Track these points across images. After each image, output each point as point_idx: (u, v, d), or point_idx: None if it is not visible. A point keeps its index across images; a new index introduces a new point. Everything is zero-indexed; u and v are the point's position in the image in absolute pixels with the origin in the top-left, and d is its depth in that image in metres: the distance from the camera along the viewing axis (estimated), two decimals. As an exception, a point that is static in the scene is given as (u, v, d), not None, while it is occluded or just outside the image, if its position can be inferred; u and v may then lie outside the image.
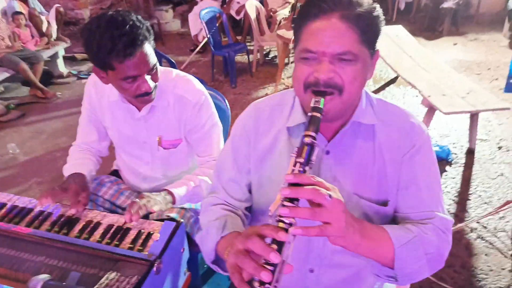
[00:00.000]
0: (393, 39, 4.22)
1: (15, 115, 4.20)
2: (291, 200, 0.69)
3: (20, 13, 4.59)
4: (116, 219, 1.15)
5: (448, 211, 2.66)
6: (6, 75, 4.31)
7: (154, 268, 0.97)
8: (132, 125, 1.41)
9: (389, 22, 6.52)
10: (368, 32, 0.81)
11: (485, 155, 3.26)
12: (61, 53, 5.08)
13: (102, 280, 0.91)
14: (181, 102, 1.37)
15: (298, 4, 5.51)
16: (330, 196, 0.70)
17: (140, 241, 1.06)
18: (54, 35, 5.05)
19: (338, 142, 0.94)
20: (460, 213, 2.66)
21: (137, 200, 1.19)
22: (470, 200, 2.78)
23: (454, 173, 3.06)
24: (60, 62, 5.09)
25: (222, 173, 1.07)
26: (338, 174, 0.94)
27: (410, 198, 0.95)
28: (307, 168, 0.73)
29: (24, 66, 4.31)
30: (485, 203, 2.74)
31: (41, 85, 4.52)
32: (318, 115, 0.78)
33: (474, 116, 3.17)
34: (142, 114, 1.37)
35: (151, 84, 1.21)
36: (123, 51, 1.10)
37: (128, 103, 1.35)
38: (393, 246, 0.83)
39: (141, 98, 1.25)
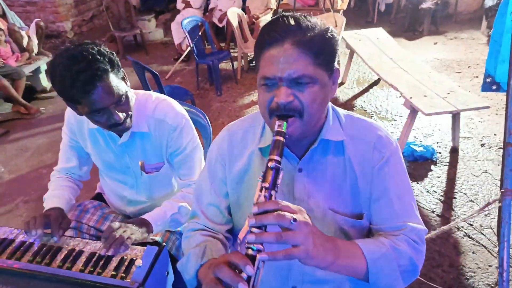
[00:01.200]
0: (374, 41, 4.28)
1: (-1, 132, 4.13)
2: (260, 226, 0.72)
3: (0, 29, 4.53)
4: (98, 246, 1.15)
5: (434, 211, 2.70)
6: (-13, 92, 4.24)
7: (137, 296, 0.97)
8: (114, 152, 1.41)
9: (370, 24, 6.61)
10: (321, 55, 0.84)
11: (469, 153, 3.32)
12: (43, 67, 5.01)
13: (86, 311, 0.91)
14: (161, 126, 1.37)
15: (280, 10, 5.55)
16: (294, 219, 0.71)
17: (123, 268, 1.06)
18: (36, 50, 4.98)
19: (309, 160, 0.96)
20: (447, 212, 2.70)
21: (114, 227, 1.18)
22: (456, 198, 2.83)
23: (439, 172, 3.10)
24: (42, 77, 5.03)
25: (201, 197, 1.09)
26: (312, 191, 0.97)
27: (382, 210, 0.97)
28: (273, 192, 0.77)
29: (5, 83, 4.25)
30: (471, 200, 2.79)
31: (24, 101, 4.45)
32: (281, 138, 0.82)
33: (456, 116, 3.23)
34: (123, 141, 1.36)
35: (120, 115, 1.21)
36: (82, 87, 1.11)
37: (115, 132, 1.34)
38: (366, 261, 0.85)
39: (115, 128, 1.25)
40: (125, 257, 1.10)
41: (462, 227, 2.56)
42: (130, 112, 1.25)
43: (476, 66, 4.95)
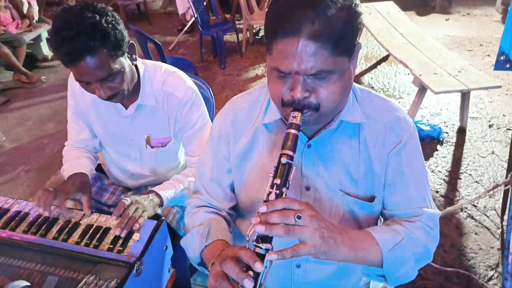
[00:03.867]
0: (384, 15, 4.14)
1: (0, 101, 4.09)
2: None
3: (-1, -6, 4.41)
4: (95, 218, 1.12)
5: (438, 191, 2.67)
6: (-13, 60, 4.18)
7: (134, 271, 0.94)
8: (118, 123, 1.36)
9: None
10: (343, 41, 0.73)
11: (476, 133, 3.26)
12: (45, 35, 4.92)
13: (80, 284, 0.89)
14: (171, 100, 1.31)
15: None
16: (299, 216, 0.69)
17: (120, 241, 1.04)
18: (36, 17, 4.88)
19: (320, 137, 0.91)
20: (451, 193, 2.67)
21: (125, 204, 1.14)
22: (461, 179, 2.79)
23: (445, 152, 3.06)
24: (43, 45, 4.94)
25: (203, 174, 1.05)
26: (321, 169, 0.92)
27: (397, 195, 0.93)
28: (284, 189, 0.73)
29: (6, 50, 4.17)
30: (476, 182, 2.75)
31: (25, 70, 4.39)
32: (296, 132, 0.75)
33: (465, 95, 3.15)
34: (129, 113, 1.31)
35: (106, 92, 1.14)
36: (64, 56, 1.05)
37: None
38: (381, 252, 0.82)
39: (107, 100, 1.19)
40: (122, 229, 1.07)
41: (466, 208, 2.53)
42: (122, 90, 1.18)
43: (488, 45, 4.81)
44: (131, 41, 1.20)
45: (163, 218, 1.10)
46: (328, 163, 0.91)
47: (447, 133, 3.27)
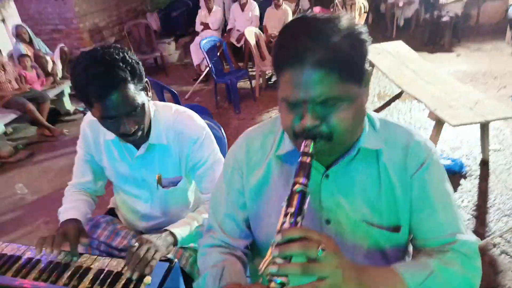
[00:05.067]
0: (394, 55, 4.20)
1: (24, 154, 4.22)
2: (284, 257, 0.64)
3: (26, 55, 4.70)
4: (107, 263, 1.09)
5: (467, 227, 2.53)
6: (13, 116, 4.37)
7: (146, 316, 0.90)
8: (130, 164, 1.36)
9: (389, 39, 6.51)
10: (349, 68, 0.72)
11: (501, 165, 3.15)
12: (67, 91, 5.15)
13: (90, 332, 0.85)
14: (181, 138, 1.32)
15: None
16: (323, 249, 0.63)
17: (132, 286, 1.00)
18: (60, 74, 5.15)
19: (337, 167, 0.87)
20: (480, 228, 2.53)
21: (136, 247, 1.11)
22: (489, 213, 2.66)
23: (470, 186, 2.94)
24: (66, 100, 5.17)
25: (216, 209, 1.02)
26: (342, 200, 0.87)
27: (426, 221, 0.86)
28: (299, 218, 0.68)
29: (31, 106, 4.37)
30: (506, 215, 2.61)
31: (48, 124, 4.56)
32: (308, 160, 0.72)
33: (484, 127, 3.08)
34: (140, 153, 1.32)
35: (131, 126, 1.16)
36: (96, 91, 1.07)
37: (125, 141, 1.30)
38: None
39: (125, 138, 1.20)
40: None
41: (499, 243, 2.38)
42: (143, 125, 1.20)
43: (503, 76, 4.78)
44: (146, 79, 1.23)
45: (176, 260, 1.06)
46: (348, 193, 0.87)
47: (469, 166, 3.17)
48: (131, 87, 1.11)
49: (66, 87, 5.10)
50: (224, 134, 1.64)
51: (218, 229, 1.00)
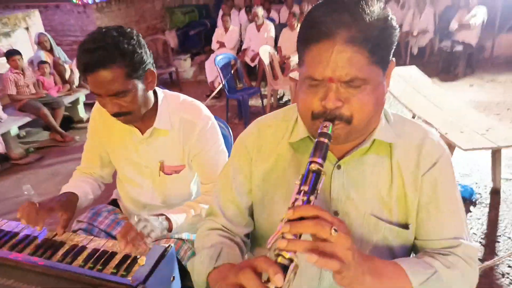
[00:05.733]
0: (407, 79, 4.20)
1: (34, 158, 4.29)
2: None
3: (46, 62, 4.84)
4: (102, 243, 1.08)
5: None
6: (28, 119, 4.46)
7: (137, 294, 0.88)
8: (134, 148, 1.38)
9: (402, 66, 6.56)
10: (379, 50, 0.71)
11: (512, 195, 3.08)
12: (82, 99, 5.26)
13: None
14: (187, 126, 1.33)
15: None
16: (335, 230, 0.62)
17: (125, 265, 0.99)
18: (76, 82, 5.27)
19: (350, 159, 0.86)
20: (489, 257, 2.45)
21: (133, 224, 1.11)
22: (499, 242, 2.58)
23: (479, 213, 2.87)
24: (80, 108, 5.27)
25: (220, 194, 1.00)
26: (352, 192, 0.86)
27: (431, 222, 0.85)
28: (312, 197, 0.66)
29: (46, 111, 4.47)
30: (516, 245, 2.53)
31: (60, 130, 4.64)
32: (326, 140, 0.71)
33: (496, 154, 3.03)
34: (144, 137, 1.34)
35: (113, 108, 1.19)
36: (82, 65, 1.13)
37: (131, 125, 1.33)
38: (411, 285, 0.74)
39: (115, 116, 1.23)
40: (128, 254, 1.02)
41: (508, 273, 2.30)
42: (130, 111, 1.22)
43: (517, 108, 4.74)
44: (153, 70, 1.25)
45: (172, 245, 1.05)
46: (359, 186, 0.86)
47: (479, 194, 3.11)
48: (118, 71, 1.14)
49: (82, 95, 5.22)
50: (231, 133, 1.64)
51: (220, 213, 0.99)
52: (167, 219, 1.23)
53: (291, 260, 0.61)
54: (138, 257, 1.00)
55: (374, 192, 0.86)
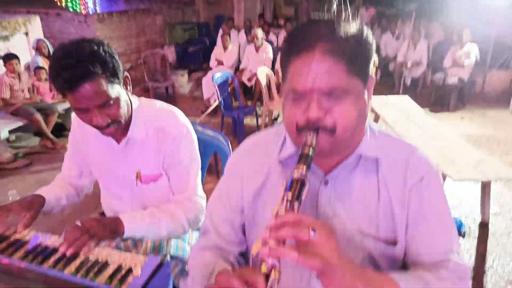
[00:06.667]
0: (400, 108, 4.28)
1: (22, 163, 4.21)
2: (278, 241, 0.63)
3: (43, 68, 4.83)
4: (96, 252, 1.05)
5: None
6: (19, 124, 4.40)
7: (130, 306, 0.86)
8: (112, 159, 1.37)
9: (395, 95, 6.69)
10: (356, 62, 0.75)
11: (500, 229, 3.10)
12: (76, 107, 5.22)
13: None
14: (161, 134, 1.32)
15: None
16: (314, 229, 0.62)
17: (119, 276, 0.96)
18: (72, 90, 5.24)
19: (337, 173, 0.87)
20: (477, 289, 2.45)
21: (78, 224, 1.10)
22: (487, 275, 2.59)
23: (468, 246, 2.89)
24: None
25: (214, 212, 1.00)
26: (338, 208, 0.87)
27: (421, 237, 0.85)
28: (296, 204, 0.67)
29: (39, 117, 4.42)
30: (503, 279, 2.53)
31: (52, 136, 4.59)
32: (310, 150, 0.73)
33: (486, 187, 3.08)
34: (120, 147, 1.33)
35: (104, 119, 1.16)
36: (64, 84, 1.09)
37: (102, 134, 1.29)
38: None
39: (100, 130, 1.21)
40: (123, 265, 1.00)
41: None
42: (119, 119, 1.21)
43: (506, 143, 4.83)
44: (126, 74, 1.25)
45: (168, 258, 1.03)
46: (346, 201, 0.86)
47: (468, 226, 3.13)
48: (102, 80, 1.12)
49: (76, 103, 5.18)
50: (231, 150, 1.64)
51: (213, 232, 0.99)
52: (119, 221, 1.20)
53: (273, 266, 0.61)
54: (132, 267, 0.98)
55: (361, 208, 0.86)
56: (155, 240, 1.37)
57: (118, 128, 1.23)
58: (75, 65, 1.07)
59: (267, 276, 0.60)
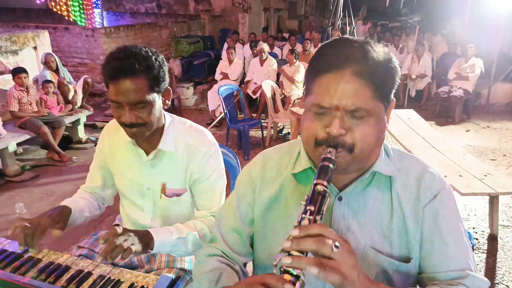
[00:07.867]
0: (405, 121, 4.29)
1: (29, 176, 4.23)
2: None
3: (50, 81, 4.88)
4: (108, 270, 1.06)
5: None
6: (27, 137, 4.44)
7: (143, 326, 0.86)
8: (138, 170, 1.40)
9: (400, 107, 6.70)
10: (383, 87, 0.78)
11: (509, 242, 3.06)
12: (83, 120, 5.27)
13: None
14: (191, 150, 1.36)
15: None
16: (336, 246, 0.63)
17: (132, 295, 0.96)
18: (79, 103, 5.29)
19: (352, 190, 0.88)
20: (487, 305, 2.41)
21: (117, 232, 1.09)
22: (497, 290, 2.55)
23: (477, 260, 2.85)
24: (80, 128, 5.26)
25: (223, 221, 1.02)
26: (352, 224, 0.87)
27: (436, 254, 0.85)
28: (318, 217, 0.68)
29: (46, 129, 4.45)
30: (514, 294, 2.50)
31: (58, 149, 4.61)
32: (330, 164, 0.74)
33: (494, 200, 3.05)
34: (148, 158, 1.36)
35: (131, 118, 1.21)
36: (108, 71, 1.17)
37: (137, 146, 1.35)
38: None
39: (125, 128, 1.25)
40: (135, 284, 1.00)
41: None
42: (146, 123, 1.24)
43: (512, 155, 4.81)
44: (169, 88, 1.30)
45: (180, 276, 1.03)
46: (360, 218, 0.87)
47: (477, 239, 3.10)
48: (143, 82, 1.18)
49: (83, 116, 5.23)
50: (239, 164, 1.65)
51: (221, 240, 1.00)
52: (150, 236, 1.21)
53: (297, 277, 0.61)
54: (145, 286, 0.98)
55: (375, 225, 0.87)
56: (178, 255, 1.37)
57: (142, 132, 1.26)
58: (124, 59, 1.15)
59: (293, 284, 0.61)
